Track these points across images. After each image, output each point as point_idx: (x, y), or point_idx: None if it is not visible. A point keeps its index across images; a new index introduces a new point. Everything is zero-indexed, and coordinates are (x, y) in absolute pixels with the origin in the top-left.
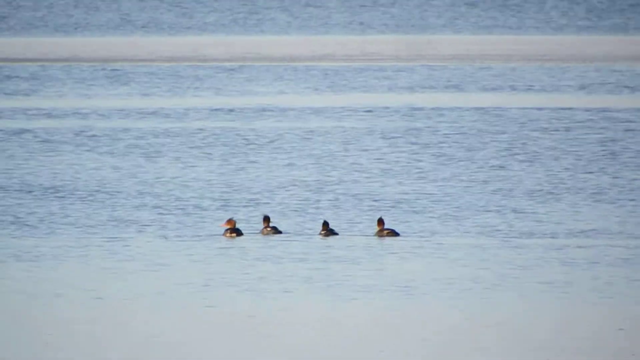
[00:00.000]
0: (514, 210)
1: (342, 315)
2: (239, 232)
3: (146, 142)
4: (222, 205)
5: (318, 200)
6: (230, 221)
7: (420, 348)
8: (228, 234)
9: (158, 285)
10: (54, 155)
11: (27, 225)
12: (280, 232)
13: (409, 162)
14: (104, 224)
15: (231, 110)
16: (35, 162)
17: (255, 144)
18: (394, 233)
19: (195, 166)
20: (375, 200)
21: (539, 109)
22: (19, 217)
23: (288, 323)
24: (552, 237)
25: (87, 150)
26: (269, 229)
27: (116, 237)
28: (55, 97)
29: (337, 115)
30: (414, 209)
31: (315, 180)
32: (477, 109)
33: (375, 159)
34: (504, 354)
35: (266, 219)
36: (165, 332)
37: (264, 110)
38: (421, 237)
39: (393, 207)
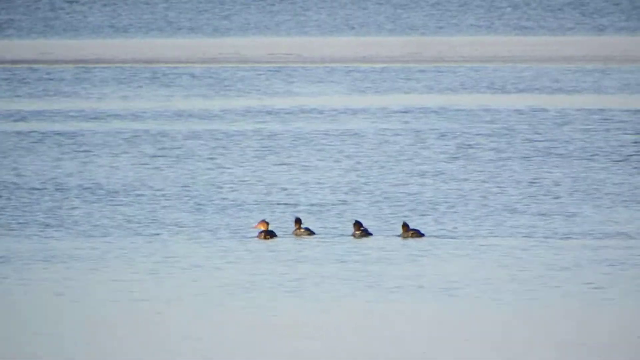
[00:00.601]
0: (550, 211)
1: (383, 317)
2: (272, 234)
3: (185, 143)
4: (257, 206)
5: (351, 201)
6: (263, 222)
7: (464, 349)
8: (262, 236)
9: (196, 288)
10: (93, 156)
11: (64, 226)
12: (313, 233)
13: (444, 163)
14: (141, 225)
15: (270, 112)
16: (74, 164)
17: (293, 144)
18: (418, 234)
19: (232, 167)
20: (410, 201)
21: (577, 110)
22: (59, 219)
23: (329, 325)
24: (590, 238)
25: (125, 152)
26: (302, 229)
27: (150, 239)
28: (96, 99)
29: (374, 116)
30: (450, 210)
31: (349, 181)
32: (515, 110)
33: (410, 160)
34: (548, 354)
35: (297, 221)
36: (205, 334)
37: (302, 111)
38: (458, 238)
39: (427, 207)
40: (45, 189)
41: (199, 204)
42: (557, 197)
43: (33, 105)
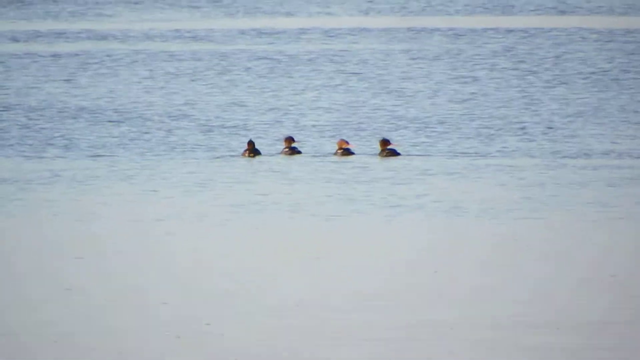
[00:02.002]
0: (551, 131)
1: (385, 236)
2: (257, 152)
3: (181, 65)
4: (248, 127)
5: (343, 122)
6: (249, 143)
7: (473, 267)
8: (246, 154)
9: (188, 206)
10: (92, 77)
11: (64, 146)
12: (299, 153)
13: (443, 84)
14: (133, 147)
15: (265, 32)
16: (73, 85)
17: (291, 65)
18: (394, 153)
19: (226, 88)
20: (402, 121)
21: (583, 29)
22: (58, 139)
23: (333, 245)
24: (592, 158)
25: (125, 73)
26: (287, 150)
27: (137, 160)
28: (95, 19)
29: (374, 36)
30: (445, 130)
31: (344, 102)
32: (521, 30)
33: (410, 80)
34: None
35: (288, 140)
36: (215, 251)
37: (301, 32)
38: (450, 157)
39: (421, 127)
40: (44, 109)
41: (193, 125)
42: (558, 118)
43: (30, 25)
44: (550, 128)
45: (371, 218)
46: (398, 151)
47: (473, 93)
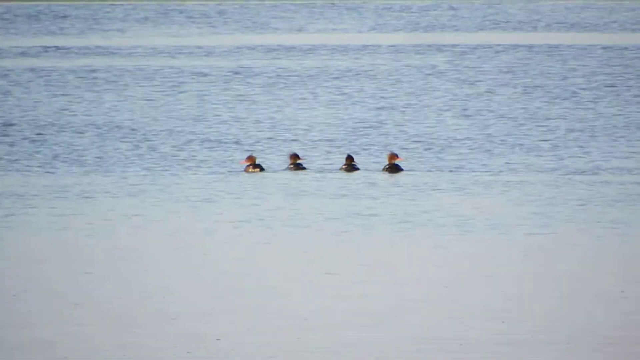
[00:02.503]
0: (555, 148)
1: (395, 251)
2: (260, 168)
3: (185, 80)
4: (251, 143)
5: (349, 138)
6: (250, 157)
7: (483, 283)
8: (250, 169)
9: (194, 221)
10: (90, 93)
11: (63, 162)
12: (304, 169)
13: (451, 100)
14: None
15: (272, 49)
16: (73, 100)
17: (295, 82)
18: (397, 168)
19: (231, 104)
20: (408, 139)
21: (591, 46)
22: (57, 155)
23: (342, 261)
24: (601, 174)
25: (121, 89)
26: (291, 166)
27: (144, 174)
28: (98, 35)
29: (380, 52)
30: (451, 146)
31: (351, 118)
32: (528, 46)
33: (417, 97)
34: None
35: (293, 156)
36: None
37: (311, 48)
38: (457, 172)
39: (427, 144)
40: (48, 125)
41: (196, 139)
42: (558, 133)
43: (34, 41)
44: (557, 144)
45: (379, 233)
46: (401, 166)
47: (478, 109)
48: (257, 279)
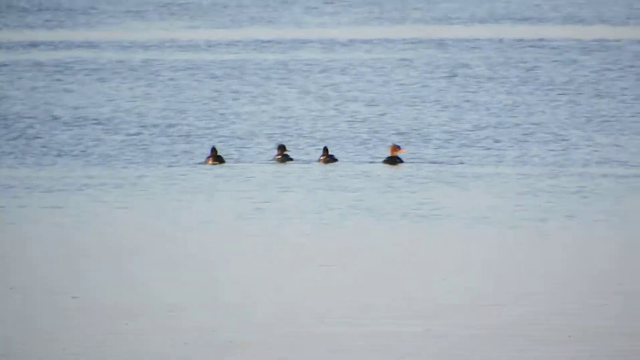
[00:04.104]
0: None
1: (390, 244)
2: (220, 160)
3: (180, 73)
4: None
5: (329, 129)
6: (213, 150)
7: (479, 275)
8: (210, 161)
9: (185, 214)
10: (69, 85)
11: (47, 154)
12: (291, 160)
13: (437, 93)
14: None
15: (261, 42)
16: (56, 93)
17: (285, 75)
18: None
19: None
20: (386, 130)
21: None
22: (37, 147)
23: (337, 253)
24: (600, 166)
25: (117, 82)
26: (279, 156)
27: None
28: (80, 28)
29: (369, 46)
30: (439, 138)
31: (332, 111)
32: (516, 40)
33: (403, 90)
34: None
35: (280, 147)
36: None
37: (303, 41)
38: (453, 165)
39: (411, 136)
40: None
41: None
42: (561, 126)
43: (24, 35)
44: (556, 137)
45: (374, 226)
46: (402, 158)
47: (475, 103)
48: (251, 273)
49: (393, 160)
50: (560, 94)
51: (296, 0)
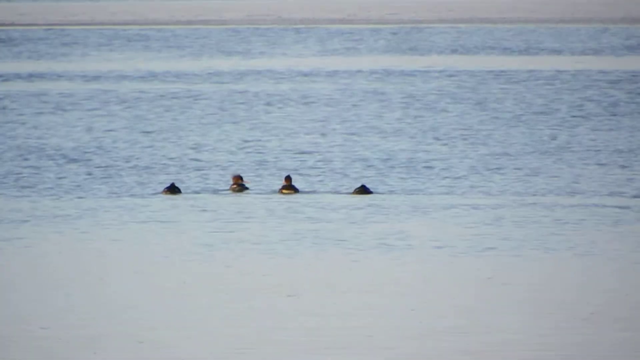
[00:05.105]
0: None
1: (356, 274)
2: (178, 191)
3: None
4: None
5: (300, 161)
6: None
7: (450, 306)
8: (165, 192)
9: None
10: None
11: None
12: (247, 189)
13: (409, 124)
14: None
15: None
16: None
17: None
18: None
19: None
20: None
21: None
22: (15, 179)
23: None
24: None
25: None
26: (234, 186)
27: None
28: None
29: (345, 77)
30: (408, 168)
31: (305, 141)
32: (490, 71)
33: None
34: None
35: (236, 177)
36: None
37: (279, 72)
38: (424, 195)
39: (383, 166)
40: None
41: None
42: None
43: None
44: (531, 167)
45: (339, 256)
46: (369, 189)
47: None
48: (218, 302)
49: (360, 190)
50: (519, 123)
51: (264, 32)
